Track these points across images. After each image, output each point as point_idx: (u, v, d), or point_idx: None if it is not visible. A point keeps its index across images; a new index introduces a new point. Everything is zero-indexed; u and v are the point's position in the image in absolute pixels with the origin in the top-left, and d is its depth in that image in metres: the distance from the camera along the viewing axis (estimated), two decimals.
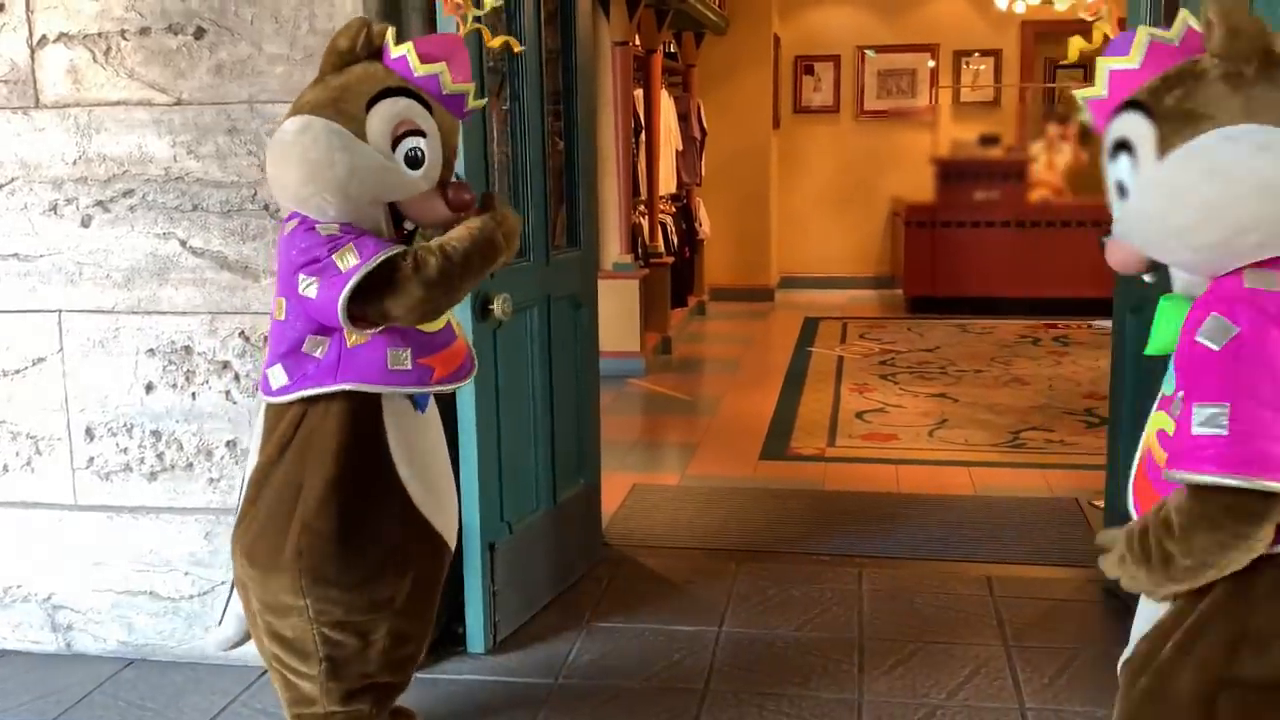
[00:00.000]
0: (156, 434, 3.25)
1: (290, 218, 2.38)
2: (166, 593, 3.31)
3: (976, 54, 11.12)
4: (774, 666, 3.26)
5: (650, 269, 7.80)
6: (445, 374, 2.45)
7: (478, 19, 2.66)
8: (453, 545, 2.60)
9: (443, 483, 2.58)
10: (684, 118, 9.17)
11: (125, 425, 3.26)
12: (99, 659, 3.34)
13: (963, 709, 3.02)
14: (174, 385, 3.22)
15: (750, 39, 10.42)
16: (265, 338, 3.15)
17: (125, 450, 3.27)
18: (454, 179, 2.44)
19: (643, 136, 8.09)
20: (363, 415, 2.39)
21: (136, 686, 3.20)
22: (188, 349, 3.19)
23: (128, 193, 3.15)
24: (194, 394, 3.21)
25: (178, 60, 3.08)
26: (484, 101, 2.44)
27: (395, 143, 2.29)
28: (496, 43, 2.75)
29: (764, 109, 10.52)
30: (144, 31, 3.08)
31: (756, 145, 10.51)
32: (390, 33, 2.35)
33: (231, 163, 3.10)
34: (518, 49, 2.87)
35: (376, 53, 2.36)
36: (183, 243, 3.15)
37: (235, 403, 3.19)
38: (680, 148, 9.06)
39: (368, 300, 2.27)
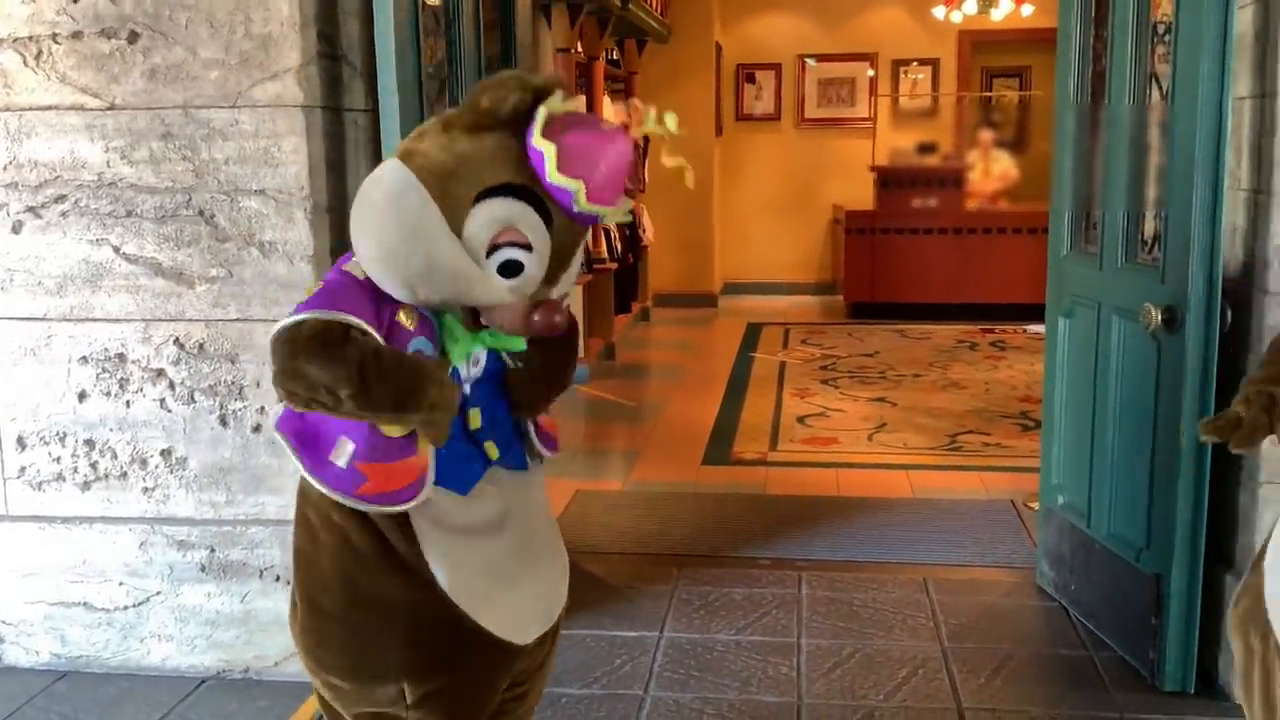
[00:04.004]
0: (90, 443, 3.20)
1: None
2: (100, 604, 3.26)
3: (915, 63, 11.25)
4: (714, 671, 3.28)
5: (594, 275, 7.80)
6: (377, 491, 1.91)
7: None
8: (526, 639, 2.07)
9: (513, 564, 2.06)
10: (627, 125, 9.18)
11: (58, 434, 3.21)
12: (30, 671, 3.28)
13: (901, 710, 3.06)
14: (108, 393, 3.18)
15: (692, 47, 10.47)
16: (200, 345, 3.12)
17: (58, 459, 3.22)
18: (551, 298, 1.95)
19: None
20: None
21: (70, 699, 3.15)
22: (121, 357, 3.15)
23: (60, 198, 3.11)
24: (128, 402, 3.17)
25: (111, 65, 3.04)
26: (625, 215, 1.98)
27: (493, 248, 1.85)
28: (670, 163, 2.07)
29: (706, 117, 10.57)
30: (76, 35, 3.04)
31: (699, 153, 10.52)
32: (545, 112, 1.84)
33: (166, 168, 3.06)
34: (690, 181, 2.17)
35: (525, 120, 1.85)
36: (116, 249, 3.11)
37: (170, 411, 3.16)
38: None
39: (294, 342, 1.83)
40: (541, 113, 1.84)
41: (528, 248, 1.86)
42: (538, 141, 1.83)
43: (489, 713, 2.09)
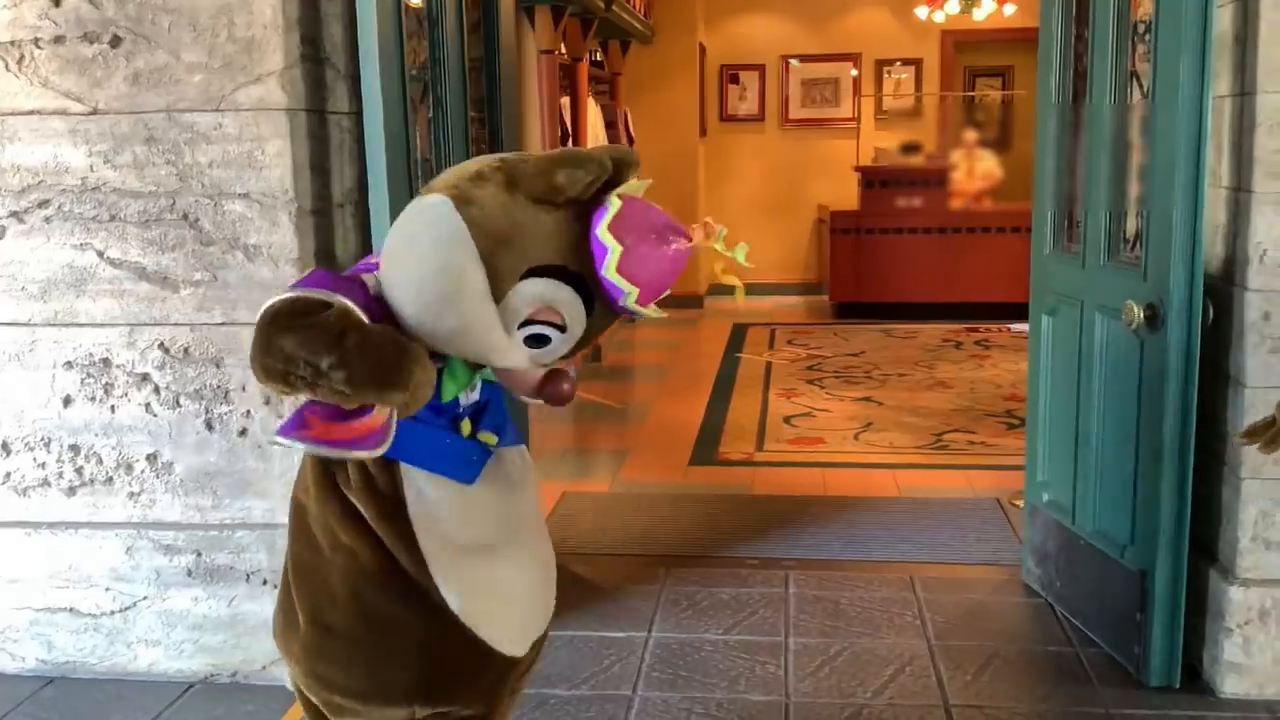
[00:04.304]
0: (75, 448, 3.20)
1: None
2: (87, 609, 3.25)
3: (898, 63, 11.29)
4: (702, 670, 3.29)
5: None
6: (321, 436, 1.78)
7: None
8: (524, 650, 2.05)
9: (512, 578, 2.02)
10: (611, 126, 9.21)
11: (43, 439, 3.20)
12: (17, 678, 3.27)
13: (888, 707, 3.07)
14: (93, 398, 3.17)
15: (676, 48, 10.48)
16: (185, 349, 3.12)
17: (43, 465, 3.21)
18: (562, 368, 1.90)
19: (570, 145, 8.10)
20: (382, 481, 1.90)
21: (57, 705, 3.14)
22: (106, 361, 3.15)
23: (43, 203, 3.10)
24: (113, 407, 3.16)
25: (94, 69, 3.03)
26: (659, 314, 1.92)
27: (527, 320, 1.77)
28: (727, 281, 2.14)
29: (691, 117, 10.59)
30: (58, 40, 3.03)
31: (684, 153, 10.56)
32: (615, 208, 1.76)
33: (149, 172, 3.06)
34: (740, 299, 2.23)
35: (592, 199, 1.78)
36: (100, 254, 3.10)
37: (155, 415, 3.15)
38: None
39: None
40: (614, 205, 1.77)
41: (562, 329, 1.79)
42: (604, 236, 1.75)
43: None
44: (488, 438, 1.99)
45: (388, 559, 1.91)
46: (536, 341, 1.79)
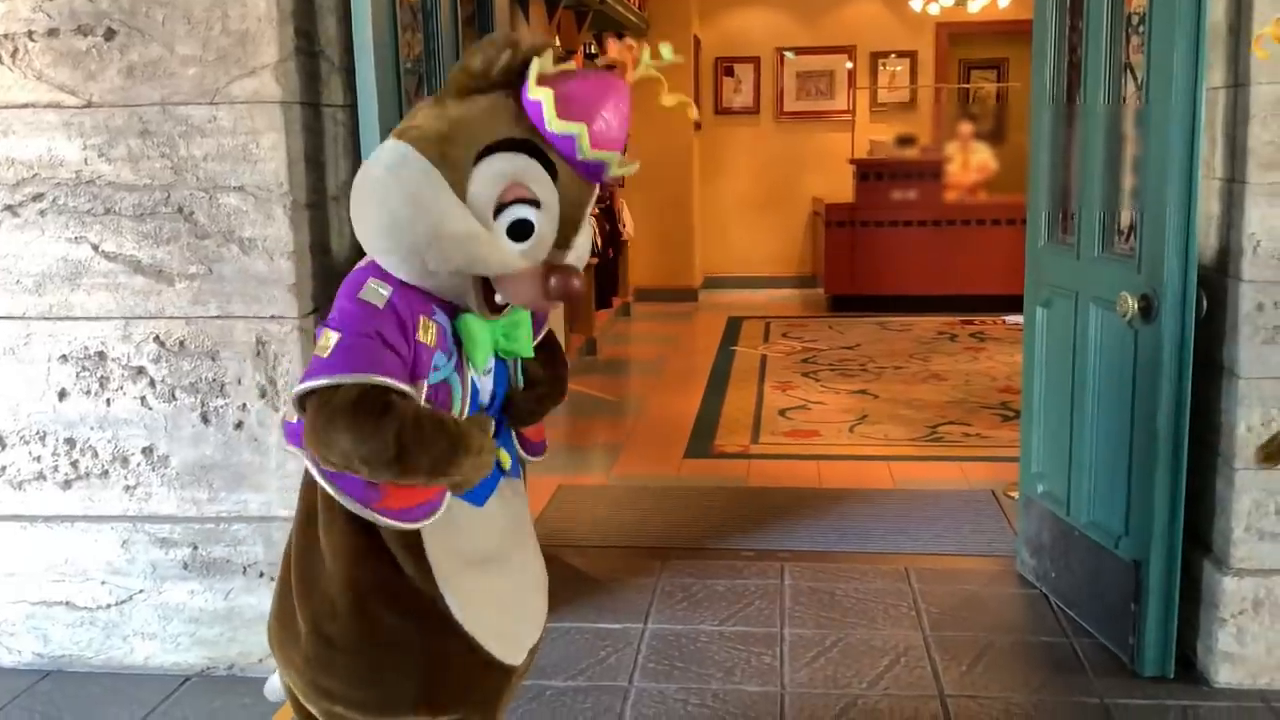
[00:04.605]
0: (70, 441, 3.19)
1: None
2: (83, 603, 3.25)
3: (893, 55, 11.28)
4: (698, 661, 3.30)
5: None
6: (393, 506, 1.86)
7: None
8: (521, 658, 2.08)
9: (509, 590, 2.06)
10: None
11: (38, 433, 3.20)
12: (14, 671, 3.27)
13: (883, 698, 3.08)
14: (88, 392, 3.17)
15: (670, 40, 10.36)
16: (181, 342, 3.12)
17: (38, 458, 3.21)
18: (565, 263, 1.90)
19: None
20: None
21: (54, 699, 3.15)
22: (101, 355, 3.15)
23: (37, 196, 3.10)
24: (108, 400, 3.16)
25: (87, 62, 3.03)
26: (633, 168, 1.95)
27: (500, 208, 1.81)
28: (670, 102, 2.08)
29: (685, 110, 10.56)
30: (52, 33, 3.02)
31: (679, 146, 10.55)
32: (538, 64, 1.81)
33: (144, 165, 3.05)
34: (693, 114, 2.28)
35: (517, 79, 1.83)
36: (95, 247, 3.10)
37: (151, 409, 3.15)
38: None
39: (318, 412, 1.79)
40: (535, 65, 1.81)
41: (535, 204, 1.82)
42: (533, 92, 1.79)
43: None
44: (503, 456, 2.01)
45: (392, 570, 1.92)
46: (520, 233, 1.82)
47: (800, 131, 11.36)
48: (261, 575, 3.18)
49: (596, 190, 1.96)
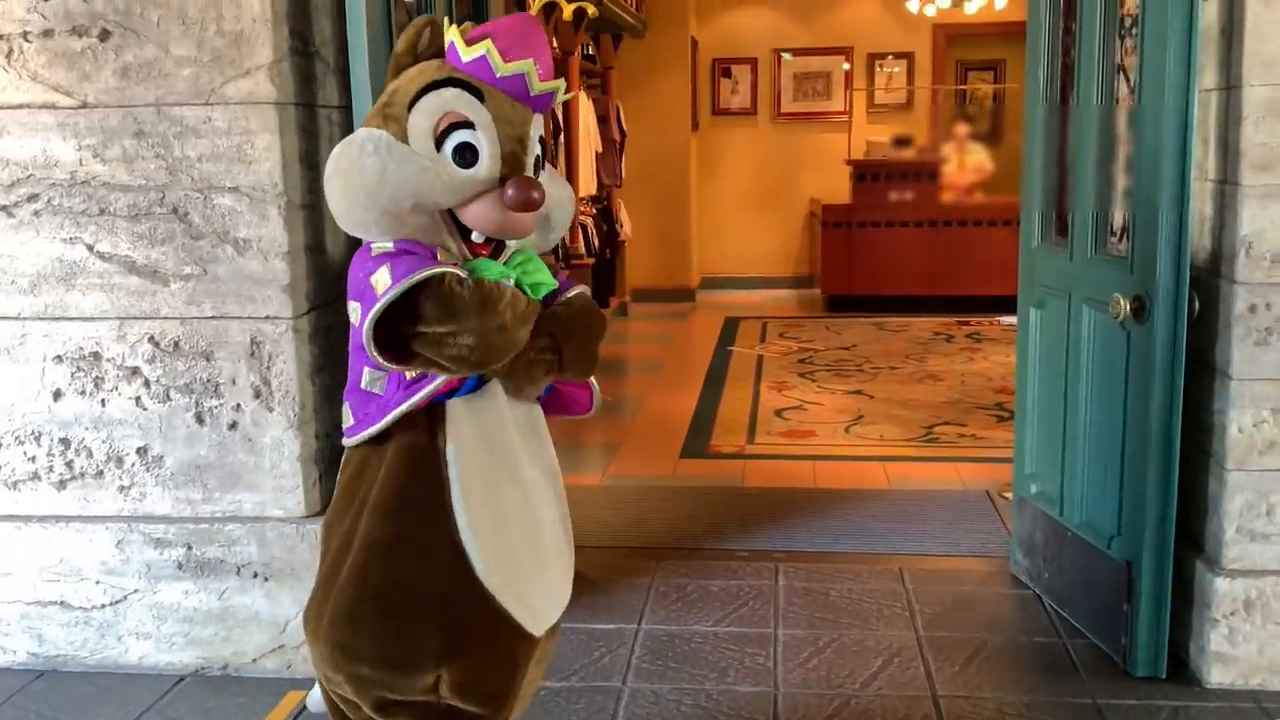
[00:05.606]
0: (65, 441, 3.20)
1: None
2: (78, 602, 3.25)
3: (890, 56, 11.30)
4: (692, 662, 3.30)
5: (571, 270, 7.81)
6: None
7: None
8: (540, 630, 2.18)
9: (530, 559, 2.18)
10: (603, 120, 9.20)
11: (33, 433, 3.20)
12: (8, 671, 3.28)
13: (876, 698, 3.09)
14: (83, 392, 3.17)
15: (668, 41, 10.48)
16: (175, 342, 3.12)
17: (33, 459, 3.22)
18: (521, 175, 2.02)
19: (562, 139, 8.10)
20: (420, 467, 2.05)
21: (48, 698, 3.15)
22: (96, 355, 3.15)
23: (32, 197, 3.10)
24: (103, 400, 3.17)
25: (82, 63, 3.03)
26: (556, 85, 2.08)
27: (441, 140, 1.96)
28: (569, 11, 2.46)
29: (683, 111, 10.58)
30: (47, 34, 3.03)
31: (676, 147, 10.57)
32: (454, 29, 2.03)
33: (139, 166, 3.06)
34: (592, 10, 2.59)
35: (440, 52, 2.06)
36: (90, 247, 3.11)
37: (146, 409, 3.15)
38: (600, 150, 9.08)
39: (408, 328, 1.93)
40: (453, 31, 2.02)
41: (470, 125, 1.97)
42: (471, 51, 1.99)
43: (515, 699, 2.17)
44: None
45: (414, 519, 2.04)
46: (463, 155, 1.97)
47: (797, 132, 11.37)
48: (255, 575, 3.19)
49: (537, 118, 2.08)
